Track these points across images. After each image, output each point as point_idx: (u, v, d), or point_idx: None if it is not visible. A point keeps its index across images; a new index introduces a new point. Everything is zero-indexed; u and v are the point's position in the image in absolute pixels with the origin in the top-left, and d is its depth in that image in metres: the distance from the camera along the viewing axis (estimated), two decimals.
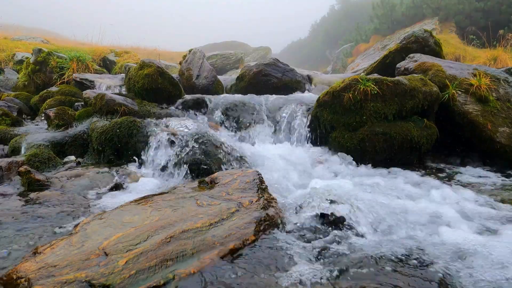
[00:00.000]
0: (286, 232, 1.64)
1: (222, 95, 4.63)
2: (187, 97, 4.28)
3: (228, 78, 6.34)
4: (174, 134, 2.93)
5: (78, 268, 1.19)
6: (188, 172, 2.69)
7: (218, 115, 3.94)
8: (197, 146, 2.82)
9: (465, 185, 2.63)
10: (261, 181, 2.06)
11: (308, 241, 1.56)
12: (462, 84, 3.48)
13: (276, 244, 1.49)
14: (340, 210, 1.77)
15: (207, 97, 4.21)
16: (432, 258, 1.41)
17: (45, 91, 5.53)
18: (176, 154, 2.79)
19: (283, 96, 4.24)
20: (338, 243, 1.54)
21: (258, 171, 2.19)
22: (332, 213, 1.75)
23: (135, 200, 1.91)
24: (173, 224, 1.53)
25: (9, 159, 2.73)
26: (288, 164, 2.94)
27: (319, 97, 3.52)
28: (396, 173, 2.96)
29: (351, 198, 1.89)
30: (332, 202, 1.82)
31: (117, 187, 2.47)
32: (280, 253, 1.43)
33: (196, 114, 4.06)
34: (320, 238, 1.60)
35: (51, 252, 1.33)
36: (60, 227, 1.78)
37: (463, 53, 9.05)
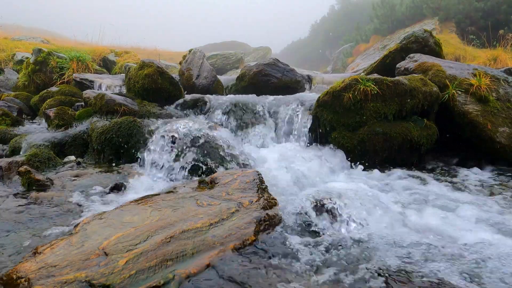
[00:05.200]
0: (287, 232, 1.64)
1: (222, 95, 4.63)
2: (187, 97, 4.28)
3: (228, 78, 6.34)
4: (174, 134, 2.93)
5: (78, 268, 1.19)
6: (188, 172, 2.69)
7: (218, 115, 3.94)
8: (197, 145, 2.82)
9: (465, 185, 2.63)
10: (261, 181, 2.06)
11: (309, 241, 1.56)
12: (462, 84, 3.48)
13: (276, 244, 1.49)
14: (340, 209, 1.77)
15: (207, 97, 4.21)
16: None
17: (45, 91, 5.53)
18: (176, 154, 2.79)
19: (283, 96, 4.24)
20: (338, 242, 1.54)
21: (258, 171, 2.19)
22: (332, 213, 1.76)
23: (135, 200, 1.91)
24: (173, 224, 1.53)
25: (9, 159, 2.73)
26: (288, 164, 2.94)
27: (319, 97, 3.52)
28: (396, 173, 2.96)
29: (351, 198, 1.89)
30: (332, 202, 1.81)
31: (117, 187, 2.46)
32: (280, 253, 1.43)
33: (196, 114, 4.06)
34: (321, 237, 1.60)
35: (51, 252, 1.33)
36: (60, 227, 1.78)
37: (463, 53, 9.04)
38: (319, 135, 3.51)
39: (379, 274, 1.30)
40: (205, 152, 2.78)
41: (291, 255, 1.42)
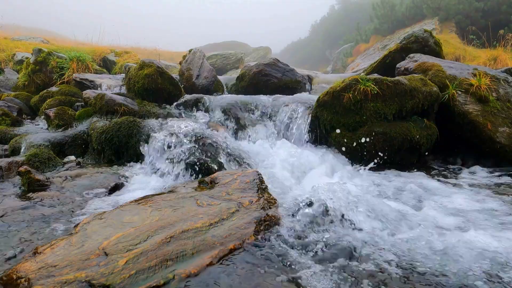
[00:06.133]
0: (286, 232, 1.64)
1: (222, 95, 4.63)
2: (187, 97, 4.28)
3: (228, 78, 6.34)
4: (174, 134, 2.93)
5: (78, 268, 1.19)
6: (188, 172, 2.69)
7: (218, 115, 3.94)
8: (197, 146, 2.82)
9: (465, 185, 2.63)
10: (261, 181, 2.06)
11: (308, 241, 1.56)
12: (462, 84, 3.48)
13: (276, 244, 1.49)
14: (339, 210, 1.77)
15: (207, 97, 4.21)
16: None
17: (45, 91, 5.53)
18: (176, 154, 2.79)
19: (283, 96, 4.24)
20: (338, 242, 1.54)
21: (258, 171, 2.19)
22: (331, 213, 1.76)
23: (135, 200, 1.91)
24: (173, 224, 1.53)
25: (9, 159, 2.73)
26: (288, 164, 2.94)
27: (319, 97, 3.52)
28: (396, 173, 2.96)
29: (351, 198, 1.89)
30: (331, 202, 1.81)
31: (117, 187, 2.46)
32: (280, 253, 1.43)
33: (196, 114, 4.06)
34: (320, 237, 1.60)
35: (51, 252, 1.33)
36: (60, 227, 1.78)
37: (463, 53, 9.04)
38: (319, 135, 3.51)
39: (379, 273, 1.30)
40: (205, 152, 2.78)
41: (291, 255, 1.42)
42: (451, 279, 1.27)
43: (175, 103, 4.19)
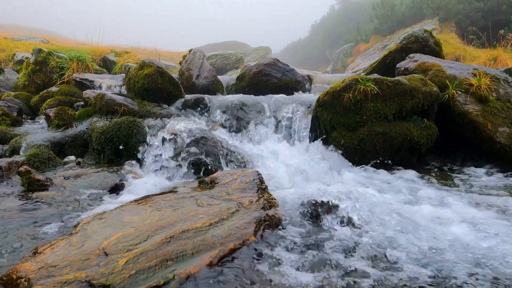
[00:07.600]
0: (286, 232, 1.64)
1: (222, 95, 4.63)
2: (187, 97, 4.28)
3: (228, 78, 6.34)
4: (174, 134, 2.93)
5: (78, 268, 1.19)
6: (188, 172, 2.69)
7: (218, 115, 3.94)
8: (197, 146, 2.82)
9: (464, 185, 2.63)
10: (261, 181, 2.06)
11: (308, 241, 1.56)
12: (462, 84, 3.48)
13: (276, 245, 1.49)
14: (339, 209, 1.77)
15: (207, 97, 4.21)
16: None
17: (45, 91, 5.53)
18: (176, 154, 2.79)
19: (283, 96, 4.24)
20: (338, 242, 1.54)
21: (258, 171, 2.19)
22: (331, 213, 1.76)
23: (135, 200, 1.91)
24: (173, 224, 1.53)
25: (9, 159, 2.73)
26: (288, 164, 2.94)
27: (319, 97, 3.52)
28: (396, 173, 2.96)
29: (350, 198, 1.89)
30: (331, 201, 1.81)
31: (117, 187, 2.46)
32: (280, 253, 1.43)
33: (196, 114, 4.06)
34: (320, 237, 1.60)
35: (51, 252, 1.33)
36: (60, 227, 1.78)
37: (463, 53, 9.04)
38: (319, 135, 3.51)
39: (381, 269, 1.30)
40: (205, 152, 2.78)
41: (291, 255, 1.42)
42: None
43: (175, 103, 4.19)
